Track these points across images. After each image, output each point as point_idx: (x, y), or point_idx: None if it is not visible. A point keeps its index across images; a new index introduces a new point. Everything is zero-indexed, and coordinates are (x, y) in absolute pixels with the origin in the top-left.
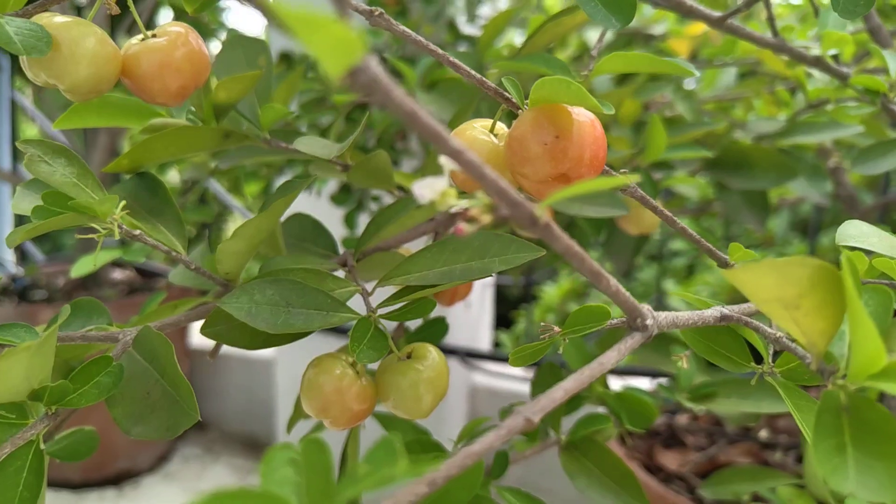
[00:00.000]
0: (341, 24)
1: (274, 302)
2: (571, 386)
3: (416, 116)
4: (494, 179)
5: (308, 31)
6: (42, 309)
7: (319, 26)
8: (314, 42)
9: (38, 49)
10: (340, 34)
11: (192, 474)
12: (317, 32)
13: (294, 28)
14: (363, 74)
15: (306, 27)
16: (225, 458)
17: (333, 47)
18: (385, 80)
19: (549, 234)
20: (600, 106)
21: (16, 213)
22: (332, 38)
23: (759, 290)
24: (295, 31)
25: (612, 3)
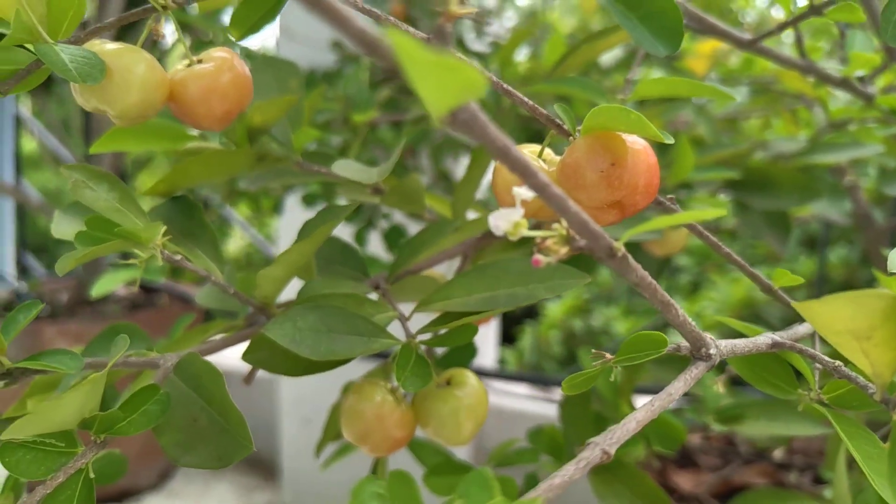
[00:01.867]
0: (461, 67)
1: (316, 328)
2: (643, 416)
3: (509, 151)
4: (577, 213)
5: (421, 69)
6: (46, 325)
7: (436, 67)
8: (424, 81)
9: (92, 77)
10: (458, 77)
11: (196, 492)
12: (431, 72)
13: (407, 65)
14: (464, 113)
15: (421, 66)
16: (229, 476)
17: (444, 88)
18: (482, 117)
19: (625, 266)
20: (661, 135)
21: (18, 229)
22: (445, 80)
23: (833, 322)
24: (407, 67)
25: (660, 30)
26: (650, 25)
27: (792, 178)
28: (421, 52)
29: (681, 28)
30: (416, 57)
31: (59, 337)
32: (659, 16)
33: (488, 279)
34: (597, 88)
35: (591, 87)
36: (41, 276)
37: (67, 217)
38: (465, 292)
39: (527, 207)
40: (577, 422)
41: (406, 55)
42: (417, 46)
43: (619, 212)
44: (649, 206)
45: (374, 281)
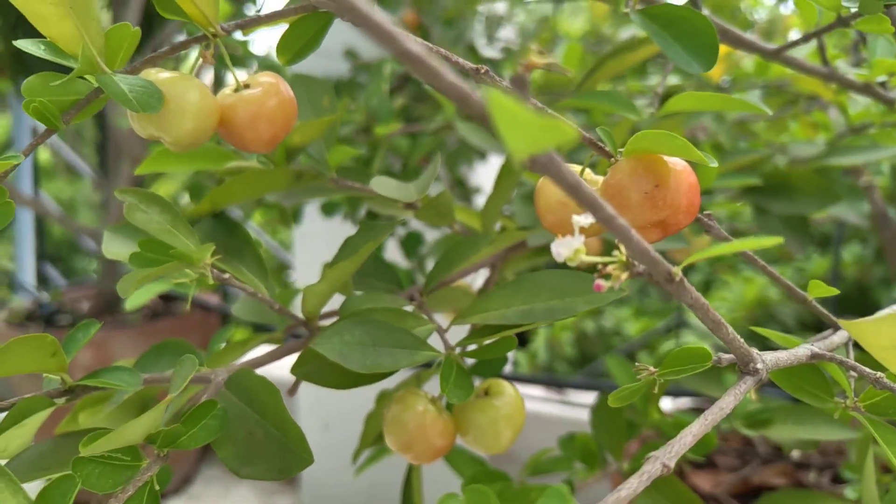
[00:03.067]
0: (553, 124)
1: (363, 342)
2: (698, 430)
3: (580, 188)
4: (639, 241)
5: (511, 122)
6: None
7: (527, 121)
8: (511, 132)
9: (151, 106)
10: (547, 131)
11: (216, 495)
12: (521, 125)
13: (497, 117)
14: (543, 157)
15: (512, 119)
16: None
17: (530, 139)
18: (558, 160)
19: (682, 289)
20: (705, 158)
21: (37, 240)
22: (532, 132)
23: (880, 339)
24: (497, 119)
25: (694, 48)
26: (685, 44)
27: (811, 183)
28: (513, 106)
29: (716, 46)
30: (508, 111)
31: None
32: (693, 34)
33: (525, 293)
34: (627, 103)
35: (621, 101)
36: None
37: (117, 237)
38: (503, 305)
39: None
40: (609, 429)
41: (499, 109)
42: (510, 101)
43: (661, 230)
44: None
45: (409, 293)
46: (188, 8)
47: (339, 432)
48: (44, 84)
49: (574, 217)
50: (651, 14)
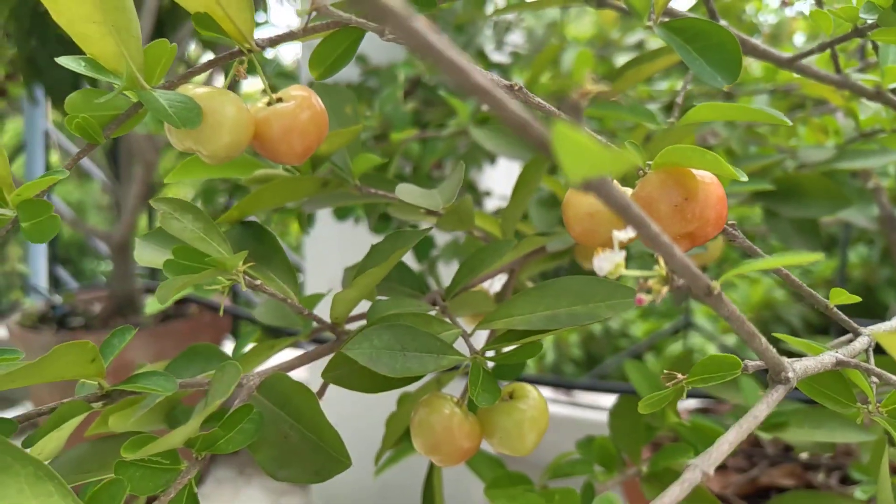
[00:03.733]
0: (614, 155)
1: (391, 346)
2: (734, 437)
3: (629, 208)
4: (682, 257)
5: (569, 147)
6: (81, 336)
7: (583, 148)
8: (571, 159)
9: (191, 121)
10: (599, 159)
11: (226, 497)
12: (581, 154)
13: (560, 145)
14: (597, 181)
15: (569, 144)
16: (257, 481)
17: (589, 165)
18: (611, 182)
19: (720, 303)
20: (736, 173)
21: (49, 243)
22: (591, 160)
23: None
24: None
25: (718, 62)
26: (709, 58)
27: (822, 187)
28: (576, 136)
29: (739, 60)
30: (571, 140)
31: None
32: (717, 48)
33: (549, 298)
34: (647, 113)
35: (641, 111)
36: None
37: (149, 245)
38: (527, 311)
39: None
40: (627, 432)
41: (562, 139)
42: (573, 132)
43: (690, 241)
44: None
45: (431, 297)
46: (227, 26)
47: (349, 432)
48: (86, 100)
49: (615, 232)
50: (675, 28)
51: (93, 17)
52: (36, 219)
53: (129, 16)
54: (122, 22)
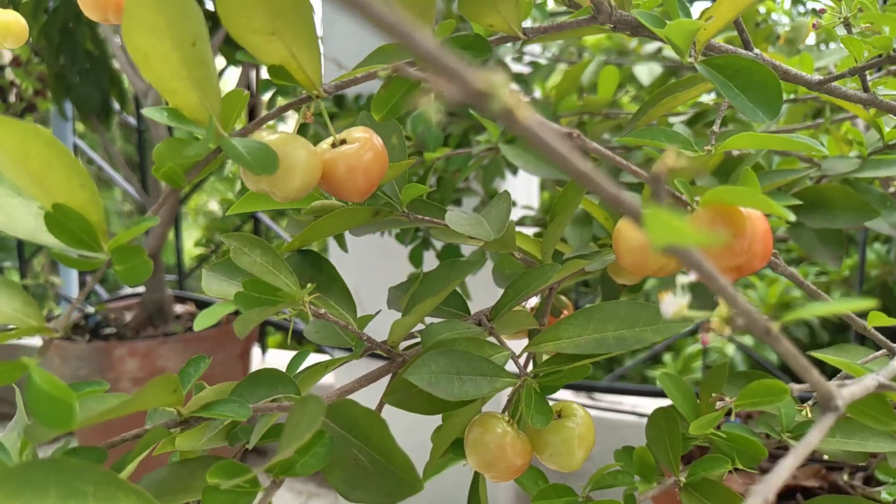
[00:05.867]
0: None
1: (448, 371)
2: (792, 463)
3: (702, 265)
4: (744, 303)
5: (658, 225)
6: (115, 345)
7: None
8: (656, 229)
9: (268, 167)
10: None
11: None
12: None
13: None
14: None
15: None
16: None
17: (670, 235)
18: (693, 249)
19: (777, 342)
20: (785, 213)
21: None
22: (674, 233)
23: None
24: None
25: (760, 98)
26: (750, 95)
27: (846, 198)
28: (666, 217)
29: (780, 96)
30: (661, 221)
31: (128, 356)
32: (759, 85)
33: (596, 322)
34: (685, 140)
35: (679, 139)
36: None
37: (216, 276)
38: (575, 334)
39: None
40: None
41: (654, 220)
42: (664, 214)
43: (737, 273)
44: None
45: (477, 318)
46: (299, 76)
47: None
48: (171, 150)
49: (679, 277)
50: (716, 65)
51: (179, 74)
52: (129, 263)
53: (211, 70)
54: (205, 76)
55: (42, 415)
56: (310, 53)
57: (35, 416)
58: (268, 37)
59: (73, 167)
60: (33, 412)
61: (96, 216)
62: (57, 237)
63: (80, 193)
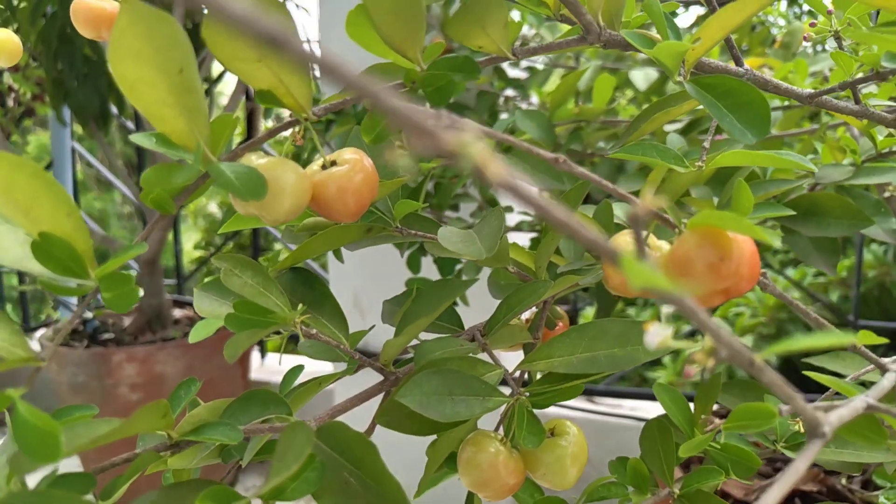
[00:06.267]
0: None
1: (440, 392)
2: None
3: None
4: (727, 336)
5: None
6: (114, 351)
7: (646, 275)
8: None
9: (257, 193)
10: (656, 280)
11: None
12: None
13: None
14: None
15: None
16: None
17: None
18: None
19: (761, 372)
20: (771, 240)
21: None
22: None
23: None
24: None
25: (748, 119)
26: (739, 115)
27: (841, 206)
28: (640, 268)
29: (768, 117)
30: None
31: (126, 362)
32: (747, 106)
33: (588, 340)
34: (676, 156)
35: (670, 154)
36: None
37: (208, 296)
38: (567, 352)
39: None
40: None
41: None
42: (637, 264)
43: (725, 296)
44: None
45: (471, 333)
46: (287, 100)
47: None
48: (159, 176)
49: (663, 308)
50: (705, 84)
51: (166, 101)
52: (117, 291)
53: (199, 96)
54: (193, 102)
55: (27, 447)
56: (298, 78)
57: (21, 448)
58: (255, 64)
59: (60, 197)
60: (19, 444)
61: (83, 244)
62: (43, 265)
63: (67, 222)
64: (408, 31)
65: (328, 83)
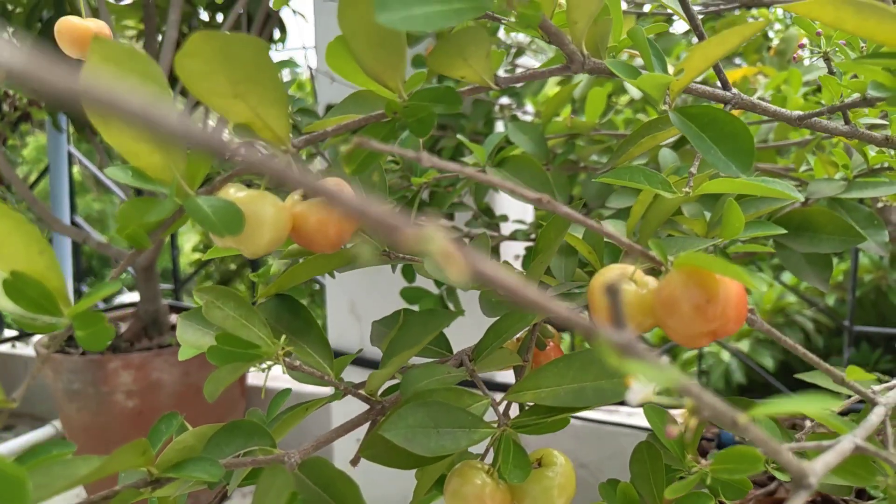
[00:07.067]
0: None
1: (425, 424)
2: None
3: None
4: (709, 398)
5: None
6: (110, 358)
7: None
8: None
9: (233, 228)
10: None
11: None
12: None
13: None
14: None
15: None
16: None
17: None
18: (652, 352)
19: (745, 431)
20: (754, 284)
21: (74, 262)
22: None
23: None
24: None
25: (732, 151)
26: (723, 147)
27: (832, 222)
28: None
29: (752, 149)
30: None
31: (122, 369)
32: (731, 138)
33: (575, 370)
34: (663, 181)
35: (658, 180)
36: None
37: (191, 325)
38: (554, 382)
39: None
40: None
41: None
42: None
43: (712, 337)
44: None
45: (458, 358)
46: (265, 134)
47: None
48: (135, 210)
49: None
50: (689, 114)
51: (140, 137)
52: (90, 329)
53: None
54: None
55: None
56: (276, 111)
57: None
58: (231, 99)
59: (31, 235)
60: None
61: (56, 282)
62: (15, 303)
63: (39, 260)
64: (388, 62)
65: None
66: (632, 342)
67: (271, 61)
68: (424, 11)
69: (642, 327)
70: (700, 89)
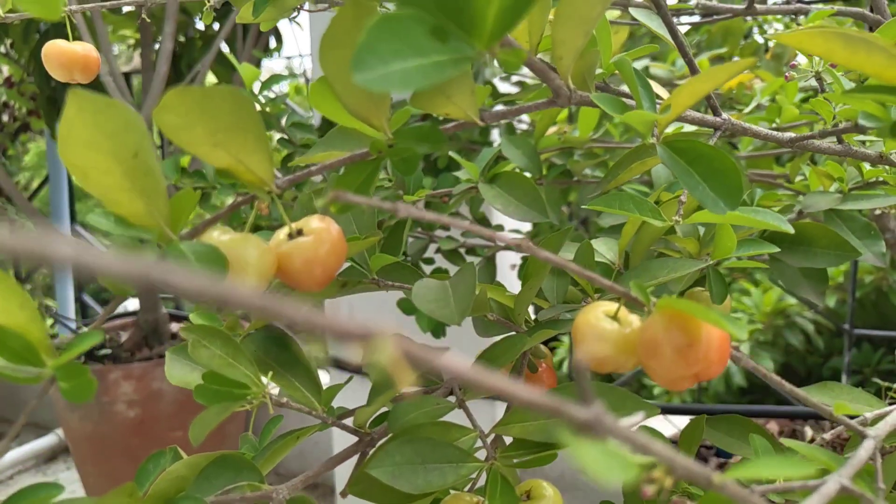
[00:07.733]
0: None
1: (412, 461)
2: None
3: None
4: (683, 462)
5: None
6: (110, 369)
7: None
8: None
9: (217, 272)
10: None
11: None
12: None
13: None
14: None
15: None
16: None
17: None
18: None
19: (722, 489)
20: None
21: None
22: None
23: None
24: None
25: (721, 188)
26: (712, 183)
27: (827, 236)
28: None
29: (741, 186)
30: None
31: (123, 379)
32: (720, 174)
33: None
34: (652, 209)
35: (647, 207)
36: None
37: (179, 361)
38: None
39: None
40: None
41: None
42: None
43: (694, 380)
44: None
45: (448, 388)
46: (247, 177)
47: None
48: None
49: None
50: (677, 148)
51: (122, 186)
52: (74, 381)
53: (156, 177)
54: (150, 184)
55: None
56: (258, 157)
57: None
58: (211, 148)
59: (12, 290)
60: None
61: (38, 334)
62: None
63: (20, 314)
64: (371, 102)
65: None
66: (598, 420)
67: (252, 108)
68: (403, 67)
69: (625, 367)
70: (690, 116)
